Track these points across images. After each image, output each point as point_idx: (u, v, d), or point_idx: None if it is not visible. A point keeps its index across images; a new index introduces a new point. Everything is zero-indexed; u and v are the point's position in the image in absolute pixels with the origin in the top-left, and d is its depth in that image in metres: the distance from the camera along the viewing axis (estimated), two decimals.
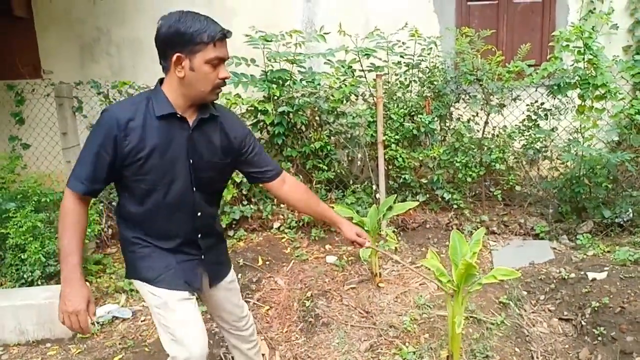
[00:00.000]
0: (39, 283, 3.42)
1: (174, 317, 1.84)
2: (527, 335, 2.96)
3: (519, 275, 2.28)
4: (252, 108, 4.24)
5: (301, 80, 4.31)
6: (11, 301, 3.15)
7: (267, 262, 3.73)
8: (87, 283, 1.82)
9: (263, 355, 2.68)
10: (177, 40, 1.68)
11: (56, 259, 3.45)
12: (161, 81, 1.81)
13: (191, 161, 1.79)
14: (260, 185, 2.16)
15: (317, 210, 2.11)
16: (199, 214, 1.86)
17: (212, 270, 2.00)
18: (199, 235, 1.90)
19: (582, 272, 3.26)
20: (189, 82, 1.72)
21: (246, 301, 3.23)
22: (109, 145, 1.67)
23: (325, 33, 4.22)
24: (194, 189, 1.82)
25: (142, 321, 3.26)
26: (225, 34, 1.72)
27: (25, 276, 3.41)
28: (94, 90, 4.37)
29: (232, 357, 2.45)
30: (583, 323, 2.97)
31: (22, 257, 3.41)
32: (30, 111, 5.03)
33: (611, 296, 2.97)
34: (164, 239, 1.85)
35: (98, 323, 3.21)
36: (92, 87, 4.35)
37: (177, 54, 1.68)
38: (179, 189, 1.79)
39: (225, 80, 1.76)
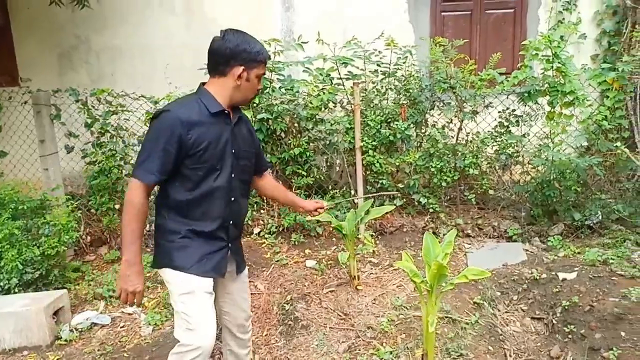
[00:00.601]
0: (16, 291, 3.39)
1: (195, 306, 2.04)
2: (501, 334, 3.05)
3: (489, 275, 2.37)
4: None
5: (280, 87, 4.38)
6: None
7: (248, 267, 3.75)
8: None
9: None
10: (243, 56, 2.03)
11: (34, 266, 3.45)
12: (202, 84, 2.14)
13: (233, 151, 2.11)
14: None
15: (286, 196, 2.58)
16: (233, 199, 2.14)
17: (237, 258, 2.28)
18: (231, 222, 2.16)
19: (553, 273, 3.37)
20: (242, 89, 2.08)
21: None
22: (174, 141, 1.95)
23: (303, 42, 4.31)
24: (232, 175, 2.12)
25: (121, 327, 3.27)
26: (268, 58, 2.16)
27: (1, 284, 3.38)
28: (72, 98, 4.36)
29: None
30: (554, 322, 3.08)
31: None
32: (7, 119, 4.98)
33: (581, 295, 3.08)
34: (205, 221, 2.08)
35: (77, 330, 3.20)
36: (71, 95, 4.34)
37: (242, 68, 2.04)
38: (225, 175, 2.09)
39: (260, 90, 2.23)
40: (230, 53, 2.03)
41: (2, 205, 3.65)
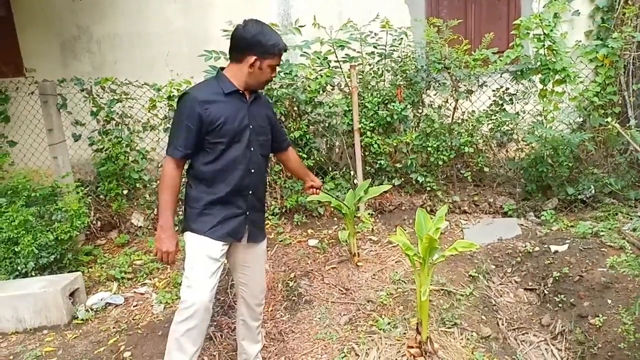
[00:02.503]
0: (33, 274, 3.57)
1: (198, 267, 2.27)
2: (494, 305, 3.20)
3: (478, 247, 2.51)
4: None
5: (279, 72, 4.46)
6: (7, 292, 3.31)
7: None
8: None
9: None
10: (258, 47, 2.24)
11: (48, 250, 3.61)
12: (220, 69, 2.37)
13: (251, 126, 2.34)
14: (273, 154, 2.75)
15: (304, 172, 2.90)
16: (253, 170, 2.37)
17: (252, 227, 2.44)
18: (250, 192, 2.38)
19: (546, 246, 3.51)
20: (254, 76, 2.30)
21: (233, 284, 3.44)
22: (194, 118, 2.21)
23: (300, 26, 4.36)
24: (252, 148, 2.34)
25: (134, 306, 3.44)
26: (284, 49, 2.31)
27: (19, 268, 3.55)
28: (77, 87, 4.47)
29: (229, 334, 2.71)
30: (545, 292, 3.23)
31: (16, 250, 3.55)
32: (15, 109, 5.10)
33: (571, 266, 3.22)
34: (226, 189, 2.31)
35: (92, 310, 3.38)
36: (76, 84, 4.45)
37: (255, 57, 2.25)
38: (243, 147, 2.32)
39: (274, 77, 2.44)
40: (246, 43, 2.25)
41: (16, 193, 3.80)
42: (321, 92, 4.43)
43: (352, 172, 4.45)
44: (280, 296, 3.41)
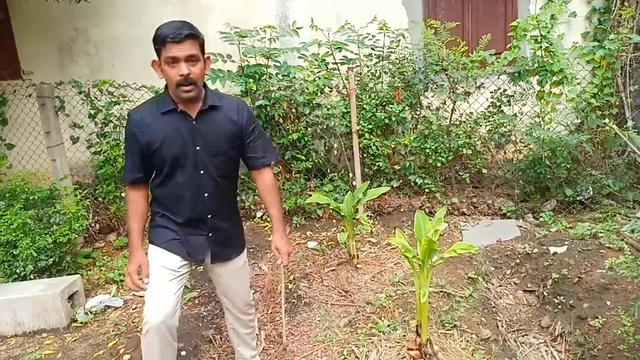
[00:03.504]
0: (32, 277, 3.56)
1: (152, 281, 2.12)
2: (494, 307, 3.21)
3: (477, 249, 2.51)
4: None
5: (277, 74, 4.47)
6: (6, 295, 3.30)
7: (251, 250, 3.91)
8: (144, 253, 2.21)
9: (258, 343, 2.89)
10: (154, 45, 1.99)
11: (47, 253, 3.60)
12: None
13: (197, 148, 2.08)
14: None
15: (270, 210, 2.37)
16: (206, 194, 2.14)
17: (217, 248, 2.26)
18: (209, 215, 2.19)
19: (545, 247, 3.51)
20: (167, 81, 2.03)
21: None
22: (133, 141, 2.08)
23: (298, 28, 4.38)
24: (202, 172, 2.11)
25: (133, 309, 3.43)
26: (174, 36, 1.91)
27: (18, 271, 3.54)
28: (75, 90, 4.47)
29: (228, 337, 2.68)
30: (545, 293, 3.23)
31: (14, 253, 3.54)
32: (12, 112, 5.10)
33: (570, 268, 3.23)
34: (176, 214, 2.17)
35: (91, 312, 3.37)
36: (73, 87, 4.45)
37: (154, 59, 2.02)
38: (189, 172, 2.10)
39: (187, 77, 1.95)
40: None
41: (14, 196, 3.79)
42: (319, 94, 4.45)
43: (350, 174, 4.46)
44: (279, 298, 3.40)
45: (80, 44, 5.39)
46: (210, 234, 2.21)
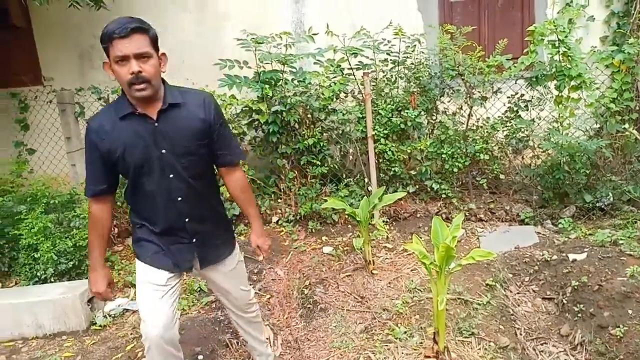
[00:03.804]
0: (52, 280, 3.62)
1: (143, 298, 2.08)
2: (512, 314, 3.17)
3: (495, 256, 2.49)
4: (247, 108, 4.43)
5: (292, 80, 4.49)
6: (27, 298, 3.36)
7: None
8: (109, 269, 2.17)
9: (268, 339, 2.89)
10: (101, 45, 1.87)
11: (67, 257, 3.66)
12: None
13: (163, 151, 1.96)
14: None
15: (245, 210, 2.32)
16: (179, 199, 2.02)
17: (203, 253, 2.16)
18: (186, 220, 2.07)
19: (564, 254, 3.47)
20: (120, 82, 1.88)
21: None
22: (94, 151, 1.95)
23: (313, 34, 4.40)
24: (170, 175, 1.99)
25: None
26: (120, 31, 1.79)
27: (38, 274, 3.61)
28: (94, 96, 4.54)
29: (245, 341, 2.69)
30: (564, 301, 3.18)
31: (35, 256, 3.61)
32: (34, 117, 5.20)
33: (590, 275, 3.17)
34: (153, 223, 2.07)
35: (110, 316, 3.41)
36: (93, 93, 4.53)
37: (104, 60, 1.90)
38: (157, 177, 1.98)
39: (139, 74, 1.82)
40: None
41: (35, 200, 3.86)
42: (334, 99, 4.45)
43: (366, 179, 4.45)
44: (295, 303, 3.41)
45: (100, 51, 5.41)
46: (193, 240, 2.11)
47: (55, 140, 5.10)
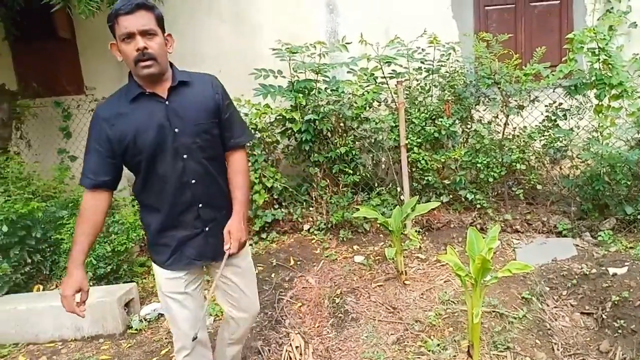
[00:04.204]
0: (91, 284, 3.71)
1: (171, 308, 2.07)
2: (549, 329, 3.08)
3: (532, 269, 2.44)
4: (281, 117, 4.48)
5: (326, 89, 4.53)
6: None
7: (299, 262, 3.95)
8: (86, 273, 2.02)
9: (297, 347, 2.90)
10: (108, 24, 1.88)
11: (105, 261, 3.76)
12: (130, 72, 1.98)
13: (176, 130, 1.92)
14: None
15: (233, 193, 2.10)
16: (194, 180, 1.97)
17: (218, 242, 2.04)
18: (200, 205, 2.01)
19: (603, 268, 3.36)
20: (126, 63, 1.88)
21: (280, 298, 3.48)
22: (102, 139, 1.88)
23: (347, 43, 4.43)
24: (184, 156, 1.94)
25: None
26: (124, 7, 1.80)
27: None
28: None
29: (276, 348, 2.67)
30: (604, 317, 3.08)
31: None
32: (76, 125, 5.40)
33: (631, 290, 3.07)
34: (167, 210, 1.98)
35: (145, 320, 3.49)
36: None
37: (112, 42, 1.91)
38: (170, 159, 1.92)
39: (144, 50, 1.81)
40: None
41: (77, 206, 3.99)
42: (367, 108, 4.46)
43: (398, 188, 4.43)
44: (326, 312, 3.41)
45: None
46: (206, 228, 2.04)
47: None
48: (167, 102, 1.93)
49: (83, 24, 5.57)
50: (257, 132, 4.47)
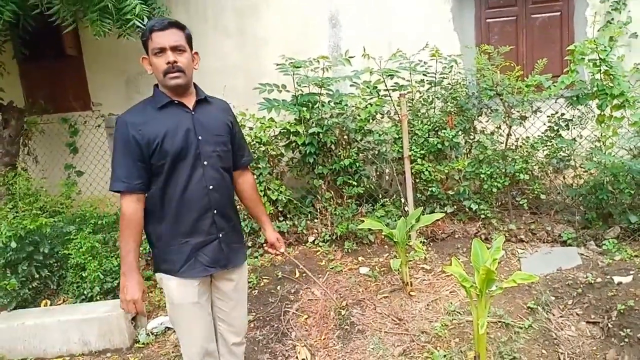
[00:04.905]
0: (98, 298, 3.75)
1: (181, 319, 2.12)
2: (555, 339, 3.08)
3: (537, 279, 2.46)
4: (285, 130, 4.53)
5: (329, 102, 4.58)
6: (75, 315, 3.51)
7: (304, 274, 3.96)
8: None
9: (304, 359, 2.90)
10: (141, 39, 2.08)
11: (112, 276, 3.78)
12: (155, 85, 2.15)
13: (199, 138, 2.08)
14: None
15: (256, 211, 2.44)
16: (211, 187, 2.09)
17: (229, 250, 2.18)
18: (215, 211, 2.11)
19: (609, 277, 3.37)
20: (155, 75, 2.07)
21: (285, 311, 3.49)
22: (130, 144, 1.99)
23: (350, 57, 4.48)
24: (205, 162, 2.08)
25: None
26: (158, 25, 2.00)
27: (85, 292, 3.75)
28: None
29: None
30: (610, 325, 3.08)
31: (83, 275, 3.76)
32: (83, 141, 5.46)
33: (637, 299, 3.07)
34: (185, 215, 2.06)
35: (152, 334, 3.51)
36: None
37: (143, 56, 2.10)
38: (191, 165, 2.05)
39: (174, 63, 2.00)
40: None
41: (84, 221, 4.04)
42: (371, 120, 4.50)
43: (402, 199, 4.45)
44: (332, 324, 3.42)
45: (146, 78, 5.72)
46: (220, 235, 2.14)
47: (103, 162, 5.32)
48: (193, 113, 2.10)
49: (90, 41, 5.66)
50: (261, 145, 4.51)
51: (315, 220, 4.59)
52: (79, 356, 3.44)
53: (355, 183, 4.51)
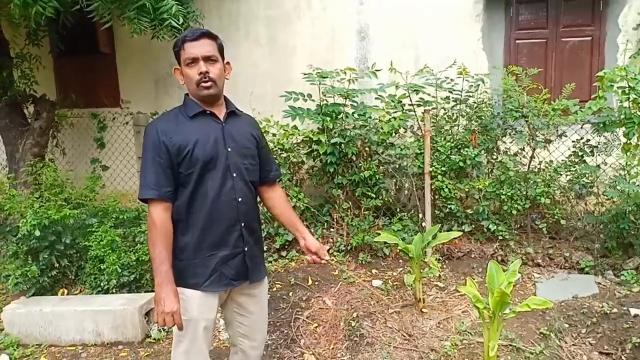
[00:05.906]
0: (114, 291, 3.82)
1: (189, 339, 2.04)
2: None
3: (552, 305, 2.43)
4: (307, 138, 4.57)
5: (353, 113, 4.61)
6: (90, 306, 3.58)
7: (316, 283, 3.98)
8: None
9: None
10: (174, 50, 2.08)
11: (129, 270, 3.85)
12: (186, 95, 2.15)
13: (229, 149, 2.06)
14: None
15: (290, 222, 2.36)
16: (240, 199, 2.07)
17: (253, 264, 2.14)
18: (242, 224, 2.08)
19: (625, 308, 3.31)
20: (188, 85, 2.05)
21: (296, 317, 3.51)
22: (161, 151, 1.98)
23: (377, 70, 4.51)
24: (234, 174, 2.06)
25: None
26: (191, 35, 2.00)
27: (102, 284, 3.83)
28: None
29: None
30: (623, 358, 3.03)
31: (101, 267, 3.83)
32: (110, 136, 5.59)
33: None
34: (213, 228, 2.02)
35: (164, 330, 3.56)
36: None
37: (175, 67, 2.10)
38: (220, 176, 2.03)
39: (206, 74, 2.00)
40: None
41: (106, 215, 4.13)
42: (393, 134, 4.51)
43: (420, 215, 4.44)
44: (341, 335, 3.42)
45: (174, 78, 5.78)
46: (246, 249, 2.10)
47: (128, 159, 5.44)
48: (223, 124, 2.10)
49: (123, 40, 5.82)
50: (283, 151, 4.57)
51: (332, 230, 4.60)
52: (91, 346, 3.50)
53: (373, 195, 4.52)
